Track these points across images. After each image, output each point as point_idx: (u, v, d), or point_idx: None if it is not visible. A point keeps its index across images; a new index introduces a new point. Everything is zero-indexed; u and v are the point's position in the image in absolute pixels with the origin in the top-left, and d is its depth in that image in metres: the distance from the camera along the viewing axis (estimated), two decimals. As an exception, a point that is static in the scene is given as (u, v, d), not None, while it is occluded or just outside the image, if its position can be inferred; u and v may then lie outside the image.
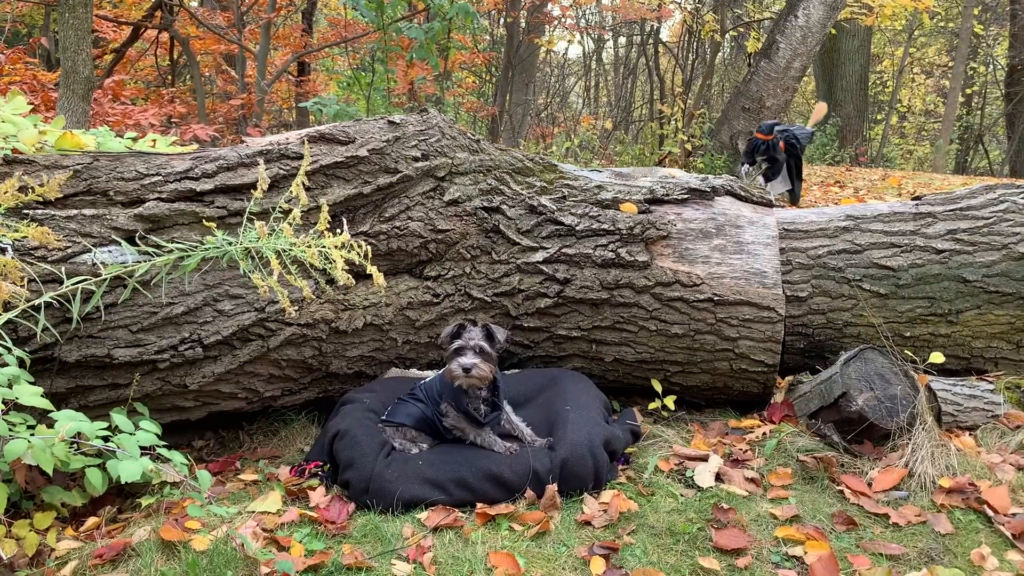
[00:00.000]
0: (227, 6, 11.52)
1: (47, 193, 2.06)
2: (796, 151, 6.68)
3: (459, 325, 2.85)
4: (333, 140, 3.18)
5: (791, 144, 6.63)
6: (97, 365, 2.89)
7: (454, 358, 2.80)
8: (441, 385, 2.97)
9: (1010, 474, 2.91)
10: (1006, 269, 3.42)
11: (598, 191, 3.48)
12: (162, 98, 10.67)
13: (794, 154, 6.69)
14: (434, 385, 3.02)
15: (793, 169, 6.72)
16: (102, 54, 10.98)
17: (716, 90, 16.68)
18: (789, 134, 6.64)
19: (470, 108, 13.98)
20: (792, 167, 6.69)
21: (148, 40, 11.64)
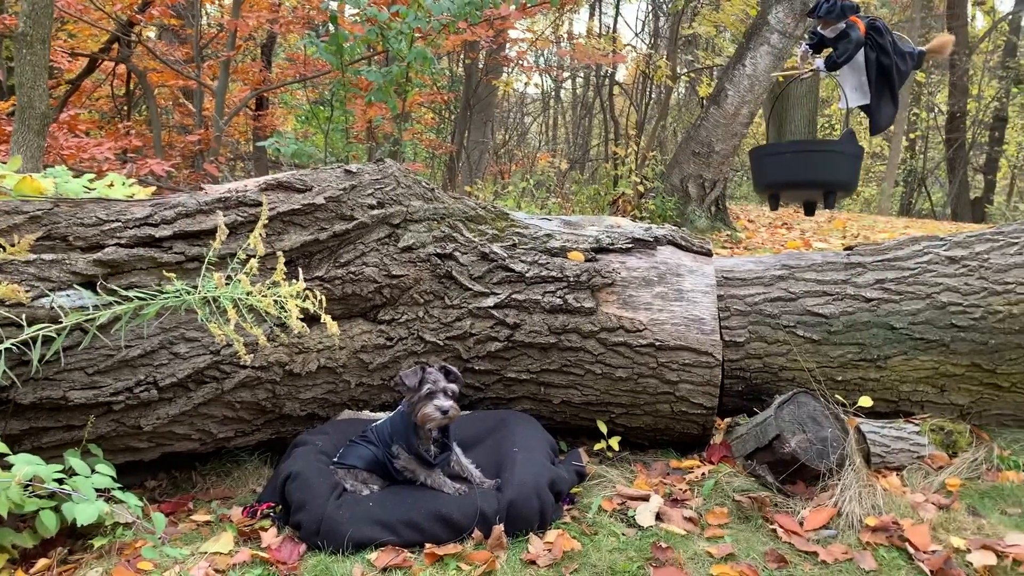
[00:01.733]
0: (185, 39, 11.58)
1: (17, 253, 2.13)
2: (887, 55, 4.28)
3: (421, 368, 2.97)
4: (291, 188, 3.28)
5: (875, 34, 4.29)
6: (52, 407, 2.92)
7: (428, 401, 2.91)
8: (392, 428, 3.06)
9: (931, 513, 3.08)
10: (930, 317, 3.62)
11: (547, 239, 3.63)
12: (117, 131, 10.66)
13: (882, 62, 4.31)
14: (385, 427, 3.11)
15: (877, 81, 4.36)
16: (56, 84, 10.94)
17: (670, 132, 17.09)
18: (879, 24, 4.33)
19: (428, 145, 14.15)
20: (878, 75, 4.34)
21: (104, 71, 11.63)
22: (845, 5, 4.26)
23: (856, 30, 4.23)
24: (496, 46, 11.73)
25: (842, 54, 4.24)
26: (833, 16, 4.25)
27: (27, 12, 6.00)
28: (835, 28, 4.26)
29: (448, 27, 6.70)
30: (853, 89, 4.41)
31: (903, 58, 4.37)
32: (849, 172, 4.42)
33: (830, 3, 4.24)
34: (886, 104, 4.47)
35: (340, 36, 6.38)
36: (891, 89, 4.40)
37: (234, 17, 9.61)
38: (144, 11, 9.51)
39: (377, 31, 6.35)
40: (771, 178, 4.49)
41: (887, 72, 4.35)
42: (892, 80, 4.38)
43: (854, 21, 4.24)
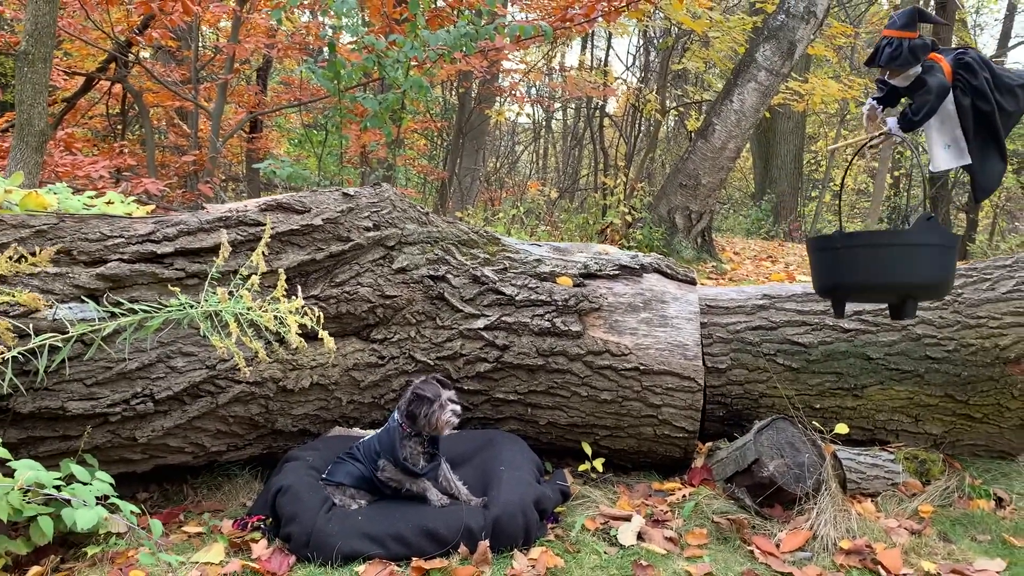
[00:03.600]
0: (182, 61, 11.72)
1: (39, 263, 2.22)
2: (985, 98, 3.27)
3: (423, 382, 3.10)
4: (290, 209, 3.38)
5: (965, 72, 3.28)
6: (50, 417, 2.99)
7: (443, 409, 3.05)
8: (380, 443, 3.15)
9: (904, 537, 3.18)
10: (905, 348, 3.75)
11: (537, 264, 3.74)
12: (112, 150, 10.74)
13: (980, 108, 3.29)
14: (372, 443, 3.19)
15: (976, 133, 3.36)
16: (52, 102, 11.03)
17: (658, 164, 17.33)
18: (970, 58, 3.30)
19: (421, 171, 14.30)
20: (977, 125, 3.33)
21: (100, 90, 11.74)
22: (915, 44, 3.18)
23: (937, 73, 3.19)
24: (490, 76, 11.93)
25: (920, 108, 3.21)
26: (899, 63, 3.19)
27: (29, 31, 6.11)
28: (907, 76, 3.25)
29: (444, 57, 6.84)
30: (944, 148, 3.37)
31: (1010, 95, 3.26)
32: (933, 269, 3.07)
33: (893, 47, 3.19)
34: (991, 160, 3.33)
35: (338, 63, 6.51)
36: (996, 140, 3.32)
37: (232, 41, 9.75)
38: (143, 32, 9.64)
39: (374, 59, 6.49)
40: (828, 279, 3.22)
41: (988, 120, 3.25)
42: (996, 128, 3.28)
43: (934, 60, 3.23)
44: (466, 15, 6.99)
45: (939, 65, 3.21)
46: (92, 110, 12.88)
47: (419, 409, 3.06)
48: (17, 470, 2.40)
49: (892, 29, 3.21)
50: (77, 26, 9.98)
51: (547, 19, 8.25)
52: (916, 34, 3.18)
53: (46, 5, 5.94)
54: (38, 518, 2.53)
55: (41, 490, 2.44)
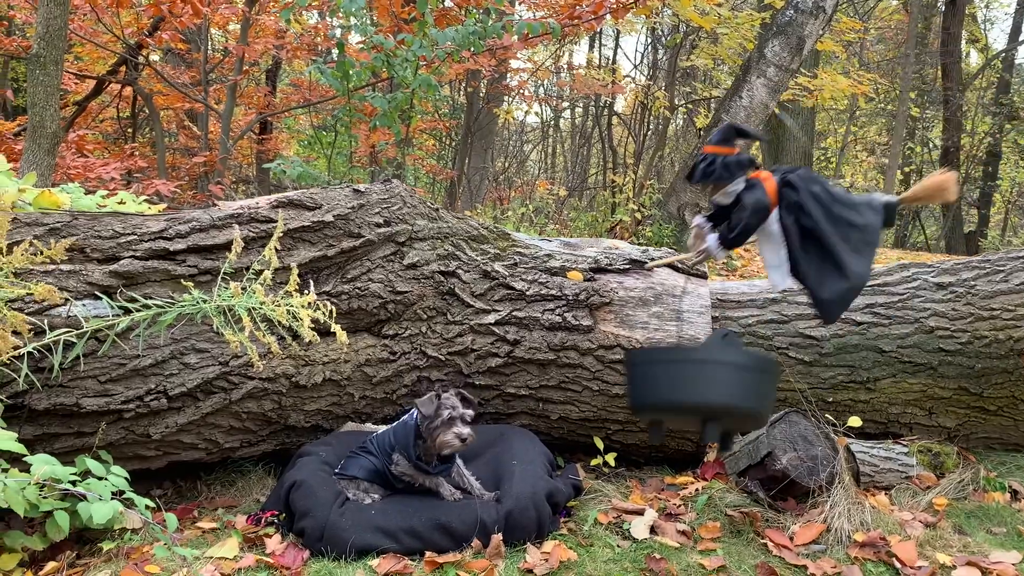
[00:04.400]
0: (191, 63, 11.78)
1: (54, 256, 2.24)
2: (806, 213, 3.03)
3: (437, 396, 3.07)
4: (301, 205, 3.39)
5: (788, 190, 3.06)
6: (65, 413, 3.01)
7: (447, 428, 3.01)
8: (395, 437, 3.15)
9: (919, 530, 3.17)
10: (918, 341, 3.73)
11: (547, 259, 3.74)
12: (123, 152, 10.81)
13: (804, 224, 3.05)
14: (387, 437, 3.20)
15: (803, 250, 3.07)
16: (64, 105, 11.11)
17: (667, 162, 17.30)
18: (795, 176, 3.09)
19: (430, 170, 14.33)
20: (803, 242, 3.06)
21: (110, 93, 11.82)
22: (729, 161, 3.01)
23: (756, 191, 3.00)
24: (498, 75, 11.94)
25: (735, 226, 3.03)
26: (713, 179, 3.03)
27: (41, 34, 6.15)
28: (727, 193, 3.07)
29: (452, 56, 6.86)
30: (775, 268, 3.12)
31: (852, 208, 3.05)
32: (734, 390, 2.76)
33: (707, 162, 3.03)
34: (829, 279, 3.02)
35: (347, 63, 6.53)
36: (832, 257, 3.01)
37: (242, 43, 9.78)
38: (153, 34, 9.69)
39: (383, 58, 6.50)
40: (634, 398, 2.98)
41: (815, 236, 3.01)
42: (827, 241, 2.99)
43: (758, 178, 3.03)
44: (474, 14, 7.01)
45: (762, 183, 3.04)
46: (103, 113, 12.97)
47: (423, 423, 3.06)
48: (33, 465, 2.42)
49: (709, 145, 3.07)
50: (88, 29, 10.04)
51: (555, 17, 8.26)
52: (733, 150, 3.03)
53: (57, 8, 5.97)
54: (54, 513, 2.55)
55: (57, 485, 2.45)
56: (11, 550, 2.77)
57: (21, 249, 2.29)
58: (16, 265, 2.27)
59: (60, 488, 2.44)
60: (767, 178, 3.04)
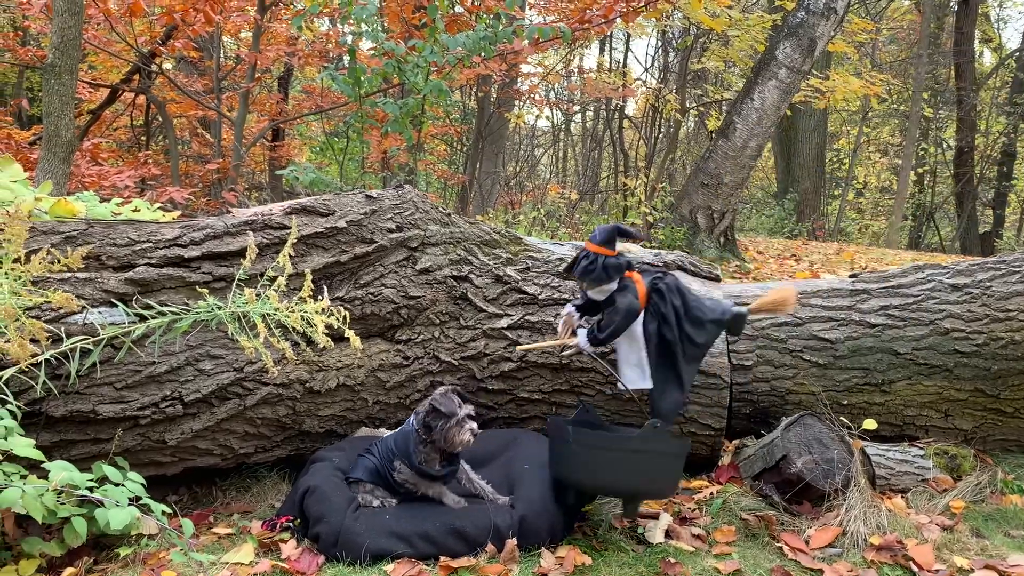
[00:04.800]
0: (204, 71, 11.86)
1: (71, 264, 2.26)
2: (669, 326, 3.11)
3: (454, 391, 3.09)
4: (314, 212, 3.41)
5: (657, 298, 3.13)
6: (81, 420, 3.03)
7: (460, 427, 3.02)
8: (396, 445, 3.14)
9: (935, 533, 3.14)
10: (933, 343, 3.71)
11: (559, 263, 3.74)
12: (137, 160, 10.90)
13: (664, 336, 3.12)
14: (388, 444, 3.19)
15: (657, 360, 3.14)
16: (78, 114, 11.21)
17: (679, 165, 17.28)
18: (664, 284, 3.16)
19: (441, 175, 14.36)
20: (659, 352, 3.14)
21: (124, 102, 11.91)
22: (609, 263, 3.03)
23: (630, 294, 3.06)
24: (508, 80, 11.96)
25: (606, 327, 3.08)
26: (593, 277, 3.04)
27: (56, 44, 6.21)
28: (603, 290, 3.10)
29: (463, 61, 6.87)
30: (632, 366, 3.16)
31: (700, 328, 3.14)
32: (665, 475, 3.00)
33: (589, 260, 3.03)
34: (670, 388, 3.14)
35: (358, 69, 6.55)
36: (676, 370, 3.13)
37: (254, 50, 9.85)
38: (166, 43, 9.76)
39: (394, 64, 6.53)
40: (564, 471, 3.06)
41: (670, 349, 3.12)
42: (676, 359, 3.12)
43: (632, 279, 3.10)
44: (484, 19, 7.02)
45: (634, 286, 3.11)
46: (117, 121, 13.08)
47: (435, 423, 3.04)
48: (51, 471, 2.44)
49: (592, 243, 3.08)
50: (102, 38, 10.12)
51: (565, 21, 8.27)
52: (614, 252, 3.09)
53: (72, 18, 6.03)
54: (72, 519, 2.56)
55: (75, 491, 2.47)
56: (29, 556, 2.79)
57: (39, 258, 2.32)
58: (34, 273, 2.30)
59: (78, 494, 2.46)
60: (639, 281, 3.12)
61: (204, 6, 8.10)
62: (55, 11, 6.07)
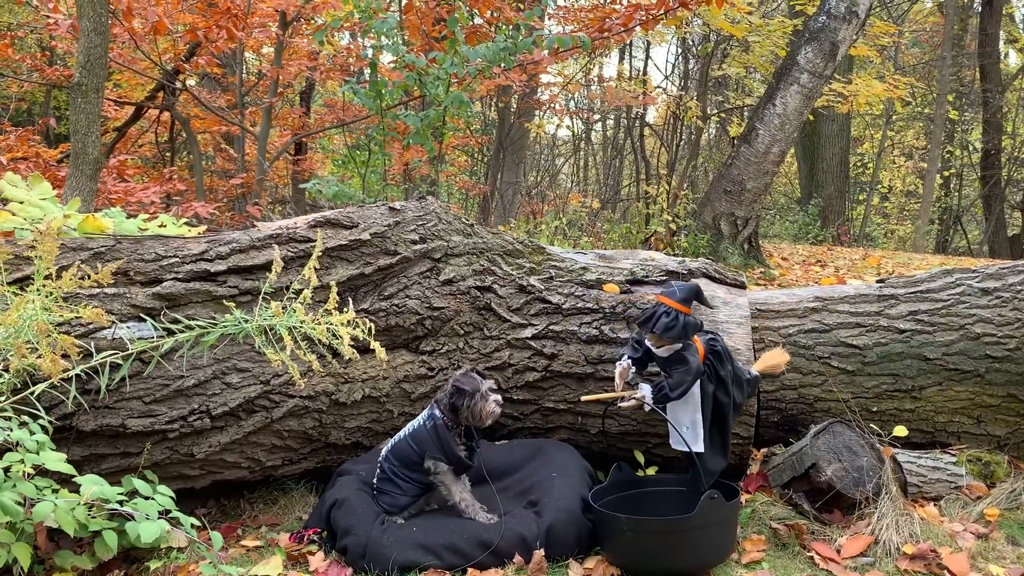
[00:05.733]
0: (227, 87, 12.00)
1: (101, 279, 2.29)
2: (725, 390, 3.19)
3: (463, 375, 3.14)
4: (338, 224, 3.43)
5: (715, 360, 3.19)
6: (111, 434, 3.06)
7: (485, 400, 3.07)
8: (418, 445, 3.14)
9: (970, 542, 3.09)
10: (964, 348, 3.65)
11: (583, 272, 3.73)
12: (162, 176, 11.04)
13: (719, 399, 3.19)
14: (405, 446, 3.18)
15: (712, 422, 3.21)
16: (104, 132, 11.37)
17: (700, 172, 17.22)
18: (720, 347, 3.23)
19: (462, 186, 14.41)
20: (714, 414, 3.20)
21: (149, 119, 12.08)
22: (690, 322, 3.05)
23: (696, 354, 3.07)
24: (529, 90, 11.99)
25: (677, 386, 3.04)
26: (672, 335, 3.02)
27: (82, 63, 6.31)
28: (670, 348, 3.08)
29: (483, 72, 6.90)
30: (684, 428, 3.15)
31: (739, 388, 3.23)
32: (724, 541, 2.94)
33: (670, 317, 3.02)
34: (715, 452, 3.19)
35: (379, 82, 6.60)
36: (723, 434, 3.21)
37: (276, 65, 9.95)
38: (190, 59, 9.89)
39: (415, 77, 6.57)
40: (622, 560, 2.94)
41: (723, 412, 3.17)
42: (726, 423, 3.20)
43: (693, 342, 3.12)
44: (504, 30, 7.05)
45: (695, 346, 3.12)
46: (142, 138, 13.26)
47: (460, 401, 3.07)
48: (82, 485, 2.46)
49: (671, 299, 3.08)
50: (127, 57, 10.27)
51: (584, 30, 8.27)
52: (690, 311, 3.10)
53: (98, 37, 6.12)
54: (103, 532, 2.58)
55: (105, 505, 2.49)
56: (61, 570, 2.82)
57: (69, 274, 2.35)
58: (65, 289, 2.33)
59: (108, 508, 2.48)
60: (697, 342, 3.14)
61: (227, 23, 8.20)
62: (81, 31, 6.17)
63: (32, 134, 10.11)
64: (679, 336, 3.04)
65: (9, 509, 2.29)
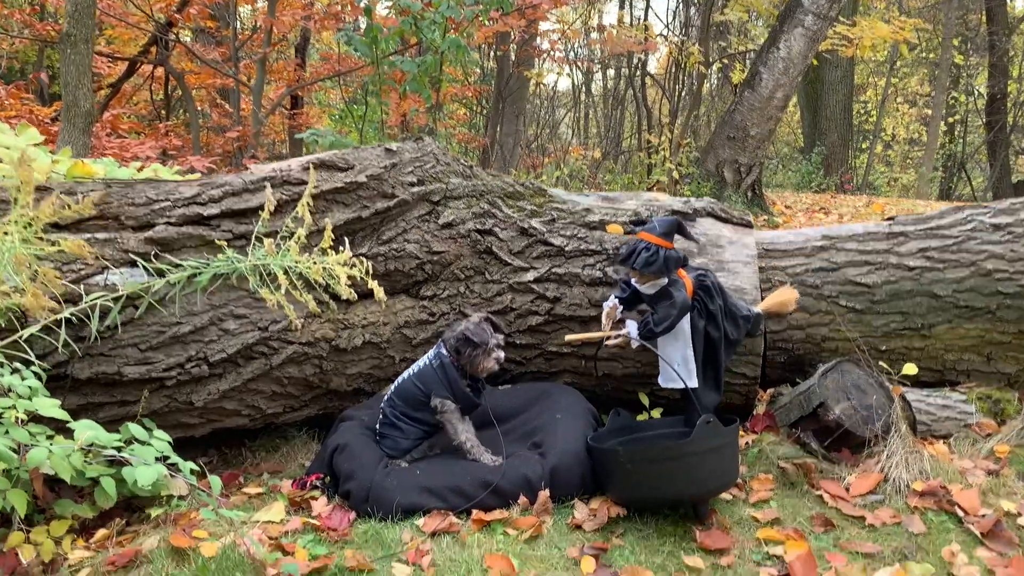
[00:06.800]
0: (221, 41, 11.78)
1: (83, 210, 2.22)
2: (716, 325, 3.13)
3: (477, 324, 3.07)
4: (333, 167, 3.34)
5: (704, 295, 3.12)
6: (107, 382, 3.01)
7: (489, 356, 3.05)
8: (424, 384, 3.10)
9: (980, 478, 3.05)
10: (975, 285, 3.58)
11: (586, 214, 3.65)
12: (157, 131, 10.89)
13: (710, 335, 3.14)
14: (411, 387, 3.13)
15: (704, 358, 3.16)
16: (98, 88, 11.19)
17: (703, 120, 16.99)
18: (710, 282, 3.15)
19: (461, 139, 14.22)
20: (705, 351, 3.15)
21: (143, 75, 11.88)
22: (670, 256, 2.99)
23: (682, 289, 3.01)
24: (528, 36, 11.76)
25: (662, 321, 2.99)
26: (653, 270, 2.98)
27: (70, 12, 6.17)
28: (655, 284, 3.04)
29: (480, 16, 6.73)
30: (677, 364, 3.08)
31: (734, 324, 3.16)
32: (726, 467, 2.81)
33: (650, 252, 2.97)
34: (707, 388, 3.14)
35: (375, 28, 6.44)
36: (715, 369, 3.16)
37: (270, 15, 9.74)
38: (182, 10, 9.68)
39: (411, 22, 6.41)
40: (624, 492, 2.89)
41: (714, 347, 3.13)
42: (718, 358, 3.15)
43: (680, 276, 3.06)
44: (502, -28, 6.85)
45: (682, 281, 3.07)
46: (137, 95, 13.06)
47: (465, 349, 3.05)
48: (76, 431, 2.41)
49: (651, 234, 3.03)
50: (118, 9, 10.06)
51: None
52: (672, 245, 3.04)
53: (85, -15, 5.96)
54: (101, 479, 2.55)
55: (102, 451, 2.45)
56: (62, 518, 2.79)
57: (49, 202, 2.26)
58: (44, 219, 2.24)
59: (105, 454, 2.43)
60: (685, 276, 3.09)
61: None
62: (68, -22, 6.01)
63: (24, 90, 9.95)
64: (660, 271, 2.99)
65: (2, 455, 2.24)
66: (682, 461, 2.71)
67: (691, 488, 2.77)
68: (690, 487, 2.76)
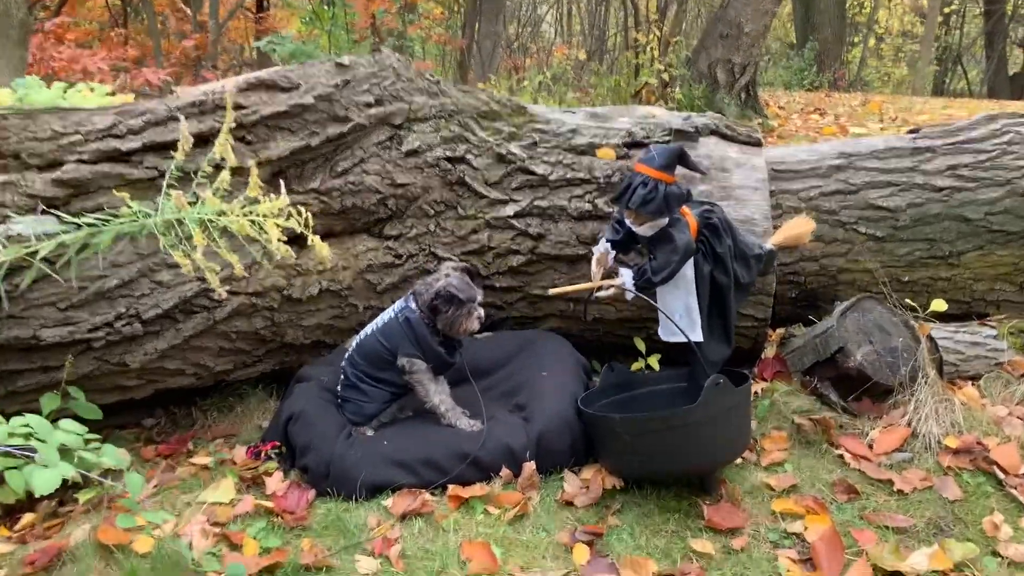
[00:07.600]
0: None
1: None
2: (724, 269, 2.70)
3: (459, 279, 2.68)
4: (274, 87, 2.85)
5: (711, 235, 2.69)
6: (23, 347, 2.60)
7: (469, 315, 2.67)
8: (395, 340, 2.69)
9: (1018, 428, 2.73)
10: (1010, 206, 3.19)
11: (572, 135, 3.18)
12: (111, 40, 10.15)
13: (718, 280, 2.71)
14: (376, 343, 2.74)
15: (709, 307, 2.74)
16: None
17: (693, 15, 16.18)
18: (717, 219, 2.70)
19: (438, 40, 13.43)
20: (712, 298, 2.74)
21: (95, -22, 11.03)
22: (671, 192, 2.53)
23: (684, 230, 2.58)
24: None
25: (662, 268, 2.57)
26: (651, 209, 2.52)
27: (-10, -94, 5.47)
28: (654, 224, 2.59)
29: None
30: (676, 316, 2.67)
31: (744, 266, 2.73)
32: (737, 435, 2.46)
33: (648, 188, 2.50)
34: (716, 339, 2.74)
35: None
36: (725, 319, 2.74)
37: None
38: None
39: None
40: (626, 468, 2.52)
41: (722, 294, 2.70)
42: (727, 305, 2.72)
43: (683, 215, 2.62)
44: None
45: (686, 220, 2.61)
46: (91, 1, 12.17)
47: (447, 307, 2.64)
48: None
49: (649, 167, 2.53)
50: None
51: None
52: (673, 179, 2.55)
53: None
54: (5, 476, 2.17)
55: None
56: (-22, 503, 2.43)
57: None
58: None
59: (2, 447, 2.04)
60: (688, 214, 2.65)
61: None
62: None
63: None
64: (660, 210, 2.53)
65: None
66: (688, 430, 2.33)
67: (698, 460, 2.41)
68: (697, 459, 2.40)
